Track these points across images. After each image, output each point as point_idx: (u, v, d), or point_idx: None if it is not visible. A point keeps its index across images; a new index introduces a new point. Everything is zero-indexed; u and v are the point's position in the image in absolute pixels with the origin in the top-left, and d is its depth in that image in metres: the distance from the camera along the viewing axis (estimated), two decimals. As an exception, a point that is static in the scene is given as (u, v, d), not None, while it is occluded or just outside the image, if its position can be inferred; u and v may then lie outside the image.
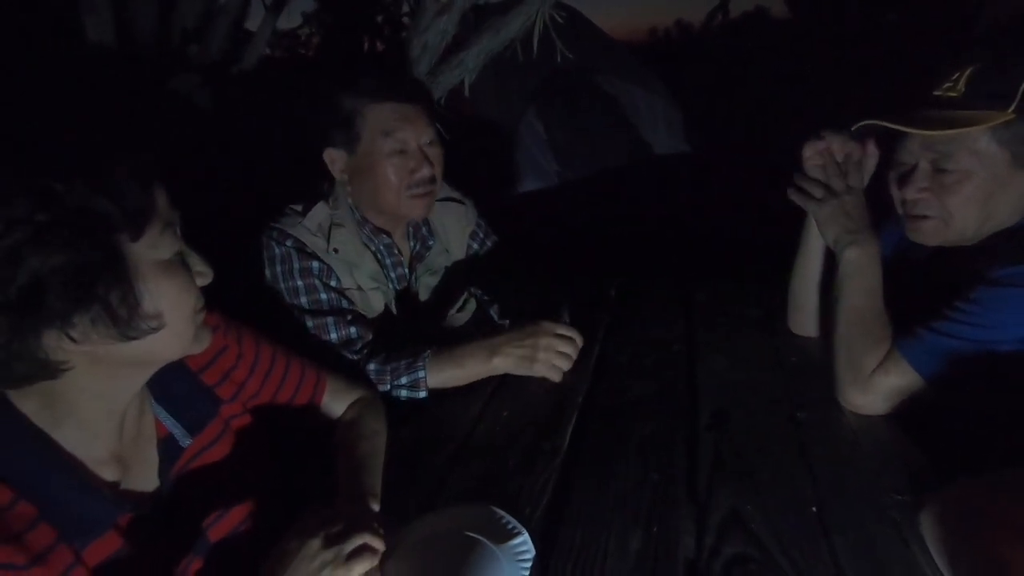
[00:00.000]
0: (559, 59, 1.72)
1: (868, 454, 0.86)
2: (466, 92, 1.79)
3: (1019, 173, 0.85)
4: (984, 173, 0.85)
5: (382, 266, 1.22)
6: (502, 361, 1.03)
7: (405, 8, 4.19)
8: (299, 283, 1.10)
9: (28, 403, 0.60)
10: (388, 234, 1.22)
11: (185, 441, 0.72)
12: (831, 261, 1.03)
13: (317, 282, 1.11)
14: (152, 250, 0.59)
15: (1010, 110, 0.81)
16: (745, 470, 0.84)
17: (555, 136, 3.66)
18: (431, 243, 1.30)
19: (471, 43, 1.73)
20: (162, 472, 0.69)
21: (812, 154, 1.00)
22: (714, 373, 1.09)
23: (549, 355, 1.03)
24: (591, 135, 3.71)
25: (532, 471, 0.85)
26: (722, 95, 6.41)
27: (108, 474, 0.64)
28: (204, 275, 0.65)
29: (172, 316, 0.61)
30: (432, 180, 1.16)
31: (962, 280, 0.89)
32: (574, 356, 1.06)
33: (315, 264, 1.11)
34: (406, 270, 1.26)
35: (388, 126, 1.10)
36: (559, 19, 1.68)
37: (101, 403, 0.63)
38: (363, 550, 0.63)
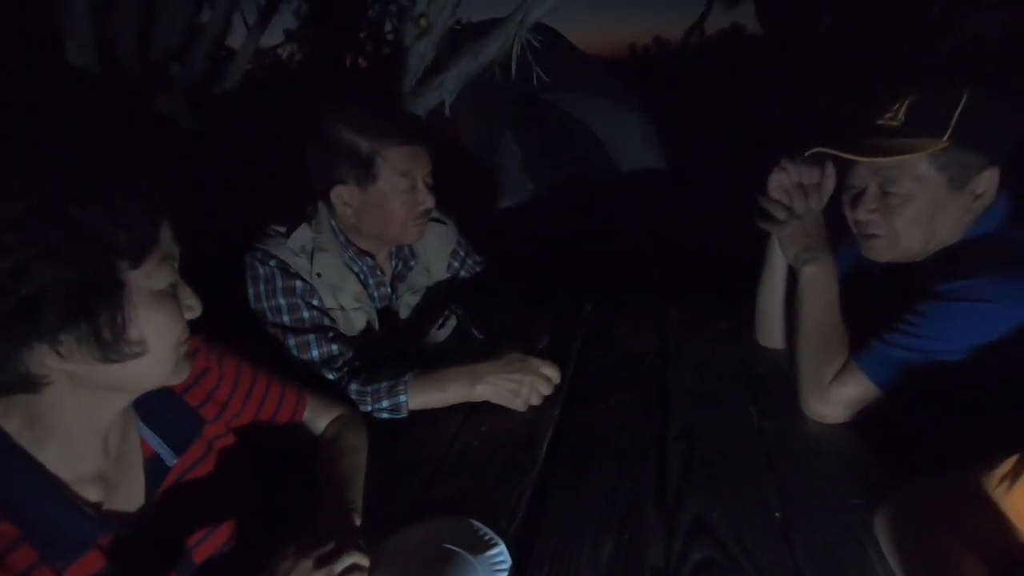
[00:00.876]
0: (535, 81, 1.78)
1: (829, 461, 0.91)
2: (447, 112, 1.83)
3: (957, 195, 0.91)
4: (926, 196, 0.92)
5: (365, 287, 1.24)
6: (485, 389, 1.06)
7: (388, 26, 4.26)
8: (282, 301, 1.12)
9: (11, 422, 0.61)
10: (371, 256, 1.25)
11: (171, 461, 0.73)
12: (794, 277, 1.09)
13: (300, 301, 1.13)
14: (148, 279, 0.61)
15: (944, 138, 0.88)
16: (712, 478, 0.88)
17: (531, 157, 3.74)
18: (412, 263, 1.34)
19: (450, 65, 1.78)
20: (148, 492, 0.71)
21: (776, 182, 1.06)
22: (684, 385, 1.14)
23: (531, 392, 1.06)
24: (567, 154, 3.80)
25: (509, 483, 0.88)
26: (701, 110, 6.55)
27: (92, 494, 0.65)
28: (193, 309, 0.67)
29: (156, 344, 0.62)
30: (429, 210, 1.23)
31: (912, 294, 0.94)
32: (548, 394, 1.09)
33: (298, 284, 1.14)
34: (388, 289, 1.29)
35: (404, 167, 1.16)
36: (535, 43, 1.73)
37: (83, 422, 0.64)
38: (352, 570, 0.65)
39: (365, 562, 0.67)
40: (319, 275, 1.16)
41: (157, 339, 0.62)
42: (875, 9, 6.12)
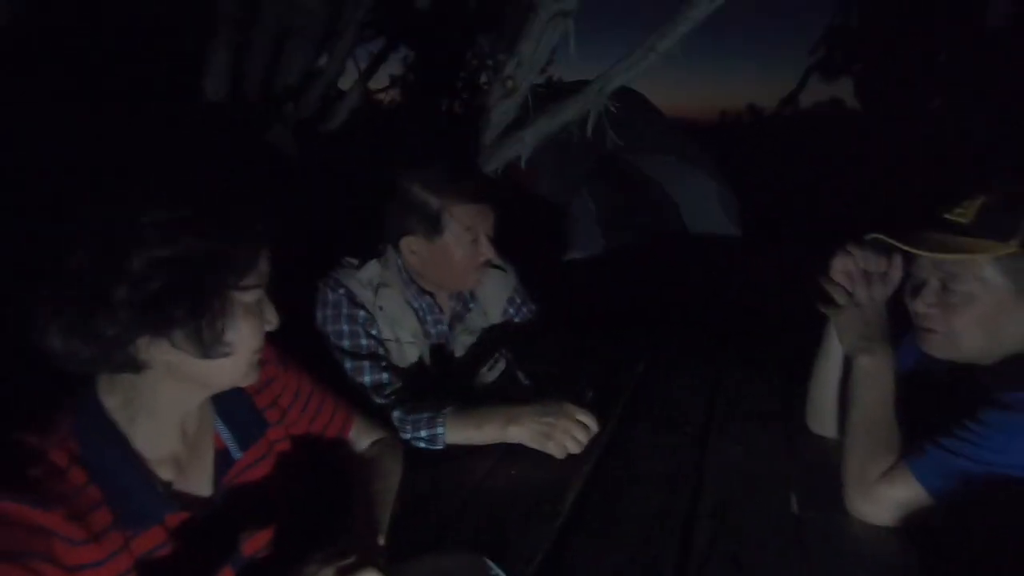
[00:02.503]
0: (608, 144, 1.85)
1: (867, 565, 0.86)
2: (522, 165, 1.94)
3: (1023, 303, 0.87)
4: (988, 299, 0.88)
5: (422, 323, 1.33)
6: (518, 431, 1.09)
7: (484, 78, 4.55)
8: (344, 327, 1.22)
9: (111, 399, 0.71)
10: (431, 295, 1.34)
11: (237, 455, 0.82)
12: (851, 366, 1.05)
13: (360, 329, 1.22)
14: (244, 294, 0.71)
15: (1012, 243, 0.85)
16: (737, 562, 0.85)
17: (604, 213, 3.81)
18: (472, 306, 1.42)
19: (529, 123, 1.90)
20: (215, 481, 0.79)
21: (840, 265, 1.05)
22: (725, 460, 1.11)
23: (564, 437, 1.07)
24: (640, 213, 3.83)
25: (529, 530, 0.90)
26: (787, 181, 6.41)
27: (165, 473, 0.74)
28: (271, 323, 0.77)
29: (239, 349, 0.72)
30: (490, 261, 1.32)
31: (976, 400, 0.89)
32: (585, 442, 1.10)
33: (361, 313, 1.24)
34: (445, 327, 1.37)
35: (470, 223, 1.26)
36: (613, 109, 1.82)
37: (170, 408, 0.74)
38: None
39: None
40: (381, 308, 1.26)
41: (241, 345, 0.72)
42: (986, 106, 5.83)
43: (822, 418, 1.17)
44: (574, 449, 1.08)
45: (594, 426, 1.11)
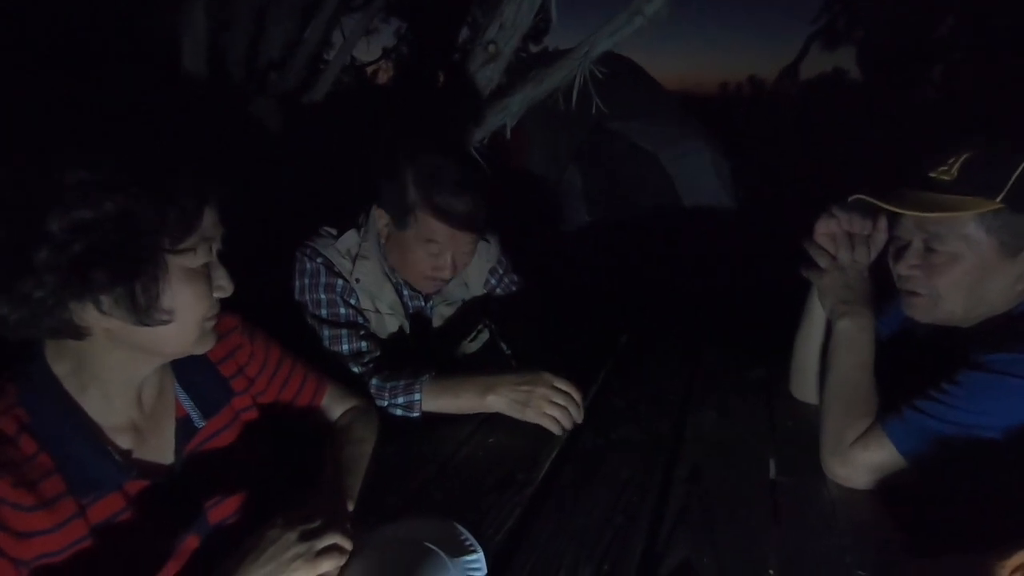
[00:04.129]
0: (594, 111, 1.81)
1: (841, 527, 0.86)
2: (507, 135, 1.90)
3: (1008, 262, 0.85)
4: (972, 258, 0.86)
5: (400, 296, 1.31)
6: (495, 400, 1.08)
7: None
8: (322, 296, 1.20)
9: (61, 365, 0.69)
10: None
11: (200, 423, 0.80)
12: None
13: (338, 298, 1.21)
14: (182, 257, 0.68)
15: (998, 199, 0.83)
16: (710, 525, 0.85)
17: (594, 183, 3.75)
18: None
19: (515, 90, 1.85)
20: (177, 449, 0.78)
21: (823, 228, 1.03)
22: (702, 427, 1.11)
23: (541, 403, 1.06)
24: (630, 183, 3.77)
25: (502, 497, 0.90)
26: (785, 150, 6.34)
27: (123, 441, 0.73)
28: (224, 289, 0.74)
29: (182, 316, 0.70)
30: (449, 280, 1.26)
31: (955, 362, 0.88)
32: (574, 413, 1.08)
33: (339, 282, 1.22)
34: (422, 302, 1.35)
35: (434, 237, 1.18)
36: (599, 74, 1.77)
37: (119, 375, 0.72)
38: (333, 549, 0.68)
39: (347, 545, 0.70)
40: (358, 280, 1.24)
41: (184, 311, 0.70)
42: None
43: (804, 384, 1.16)
44: (557, 414, 1.06)
45: (574, 392, 1.10)
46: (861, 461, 0.90)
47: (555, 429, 1.06)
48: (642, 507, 0.89)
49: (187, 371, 0.81)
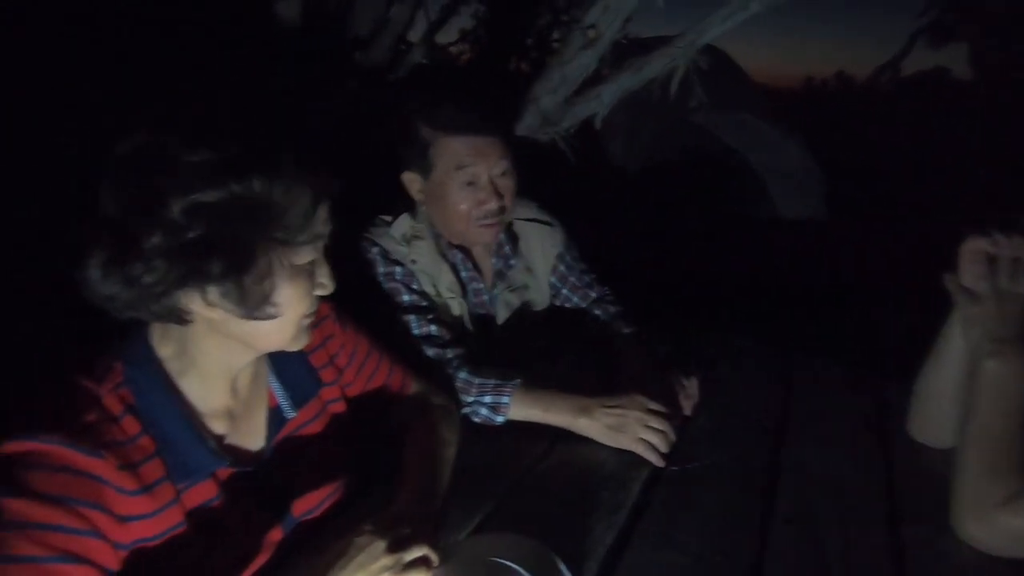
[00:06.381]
0: (694, 103, 1.69)
1: (976, 598, 0.75)
2: (597, 125, 1.81)
3: None
4: None
5: (459, 278, 1.26)
6: (588, 424, 1.01)
7: (556, 34, 4.34)
8: (384, 285, 1.17)
9: (165, 348, 0.69)
10: (464, 250, 1.26)
11: (290, 413, 0.79)
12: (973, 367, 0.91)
13: (400, 285, 1.17)
14: (292, 254, 0.65)
15: None
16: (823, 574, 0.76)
17: (678, 178, 3.57)
18: (513, 261, 1.33)
19: (610, 78, 1.75)
20: (267, 438, 0.77)
21: (975, 246, 0.90)
22: (803, 459, 1.01)
23: (636, 428, 0.99)
24: (715, 180, 3.57)
25: (590, 520, 0.84)
26: (879, 152, 5.91)
27: (217, 428, 0.72)
28: (325, 287, 0.71)
29: (284, 313, 0.67)
30: (501, 211, 1.19)
31: None
32: (670, 435, 1.00)
33: (398, 269, 1.18)
34: (482, 285, 1.29)
35: (460, 160, 1.13)
36: (702, 65, 1.65)
37: (217, 363, 0.71)
38: (421, 562, 0.65)
39: (435, 558, 0.67)
40: (414, 261, 1.19)
41: (286, 309, 0.67)
42: None
43: (928, 425, 1.03)
44: (653, 439, 0.98)
45: (668, 431, 1.01)
46: (1006, 526, 0.78)
47: (652, 457, 0.98)
48: (740, 546, 0.81)
49: (280, 360, 0.79)
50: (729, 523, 0.85)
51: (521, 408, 1.04)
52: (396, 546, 0.64)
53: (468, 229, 1.19)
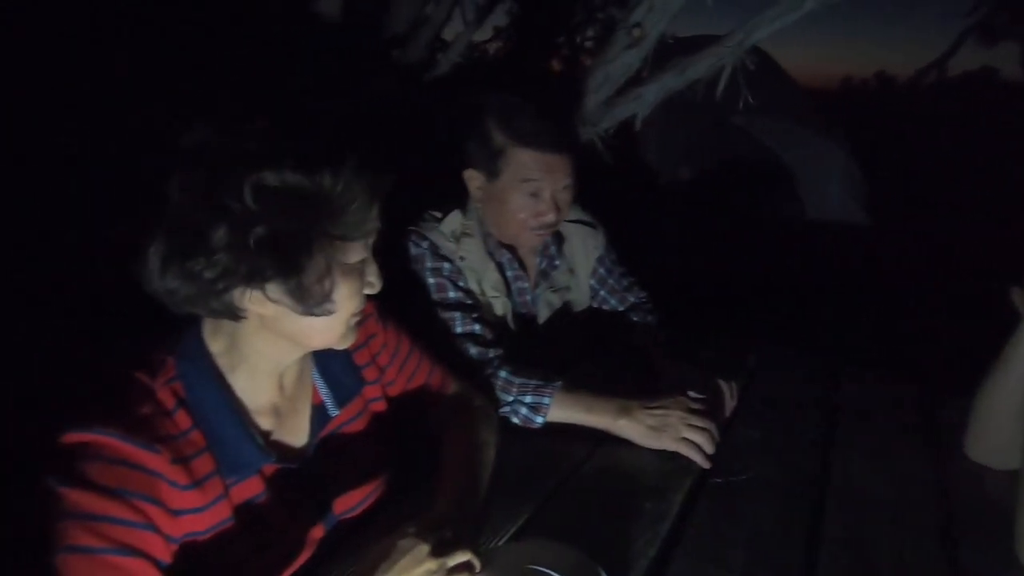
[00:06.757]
0: (741, 106, 1.65)
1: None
2: (637, 126, 1.78)
3: None
4: None
5: (504, 277, 1.26)
6: (628, 425, 1.00)
7: (590, 32, 4.30)
8: (430, 280, 1.17)
9: (216, 344, 0.69)
10: (511, 249, 1.27)
11: (333, 411, 0.79)
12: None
13: (447, 281, 1.17)
14: (346, 252, 0.66)
15: None
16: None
17: (711, 181, 3.50)
18: (557, 262, 1.34)
19: (652, 79, 1.72)
20: (311, 435, 0.77)
21: None
22: (852, 474, 0.98)
23: (679, 428, 0.97)
24: (751, 184, 3.49)
25: (633, 530, 0.82)
26: (921, 154, 5.71)
27: (264, 423, 0.73)
28: (373, 286, 0.71)
29: (338, 309, 0.67)
30: (556, 223, 1.20)
31: None
32: (715, 435, 0.99)
33: (446, 265, 1.18)
34: (527, 284, 1.30)
35: (528, 172, 1.14)
36: (750, 65, 1.60)
37: (266, 360, 0.71)
38: (463, 568, 0.64)
39: (477, 564, 0.66)
40: (462, 258, 1.20)
41: (339, 306, 0.67)
42: None
43: (989, 445, 0.99)
44: (697, 438, 0.97)
45: (713, 415, 1.00)
46: (1078, 557, 0.74)
47: (696, 457, 0.96)
48: (789, 566, 0.78)
49: (324, 358, 0.80)
50: (777, 540, 0.82)
51: (562, 409, 1.03)
52: (439, 550, 0.64)
53: (521, 234, 1.21)
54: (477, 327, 1.14)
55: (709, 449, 0.97)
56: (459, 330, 1.13)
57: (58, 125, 1.45)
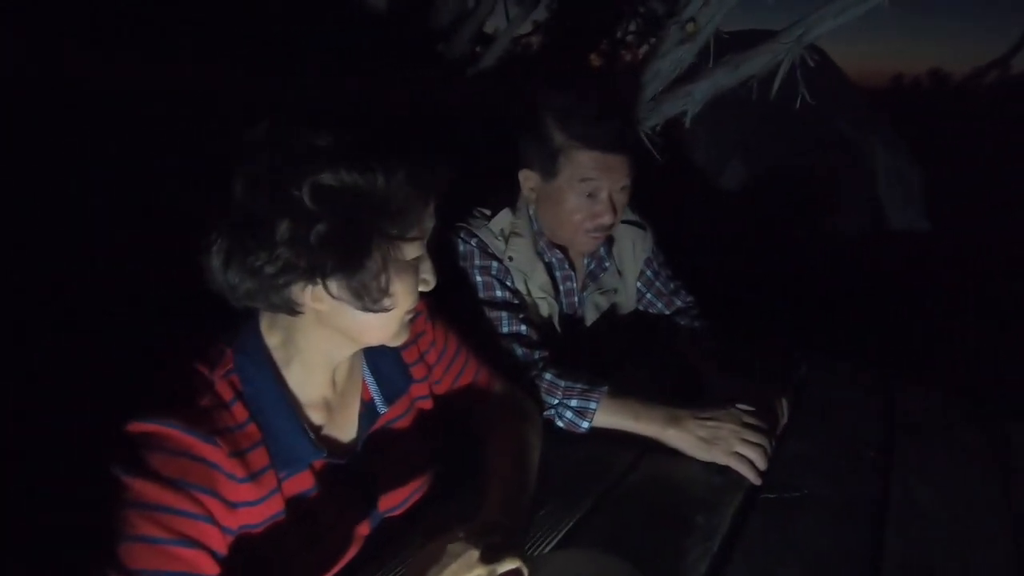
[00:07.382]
0: (798, 104, 1.58)
1: None
2: (687, 124, 1.73)
3: None
4: None
5: (552, 278, 1.24)
6: (677, 435, 0.97)
7: (632, 27, 4.22)
8: (478, 279, 1.16)
9: (272, 337, 0.70)
10: (562, 249, 1.25)
11: (382, 408, 0.79)
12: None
13: (494, 280, 1.16)
14: (403, 249, 0.65)
15: None
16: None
17: (761, 184, 3.38)
18: (607, 264, 1.31)
19: (703, 75, 1.67)
20: (360, 431, 0.77)
21: None
22: (914, 495, 0.93)
23: (732, 441, 0.94)
24: (802, 188, 3.36)
25: (684, 544, 0.79)
26: (983, 160, 5.44)
27: (316, 418, 0.73)
28: (428, 283, 0.71)
29: (395, 306, 0.67)
30: (612, 226, 1.18)
31: None
32: (768, 450, 0.95)
33: (494, 264, 1.17)
34: (575, 285, 1.28)
35: (587, 173, 1.12)
36: (811, 62, 1.54)
37: (320, 354, 0.71)
38: (512, 574, 0.63)
39: (525, 571, 0.65)
40: (511, 258, 1.18)
41: (395, 304, 0.67)
42: None
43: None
44: (750, 454, 0.93)
45: (767, 428, 0.96)
46: None
47: (748, 473, 0.92)
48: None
49: (374, 355, 0.80)
50: (837, 563, 0.78)
51: (608, 415, 1.01)
52: (489, 556, 0.63)
53: (576, 236, 1.19)
54: (523, 328, 1.12)
55: (762, 466, 0.93)
56: (505, 330, 1.12)
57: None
